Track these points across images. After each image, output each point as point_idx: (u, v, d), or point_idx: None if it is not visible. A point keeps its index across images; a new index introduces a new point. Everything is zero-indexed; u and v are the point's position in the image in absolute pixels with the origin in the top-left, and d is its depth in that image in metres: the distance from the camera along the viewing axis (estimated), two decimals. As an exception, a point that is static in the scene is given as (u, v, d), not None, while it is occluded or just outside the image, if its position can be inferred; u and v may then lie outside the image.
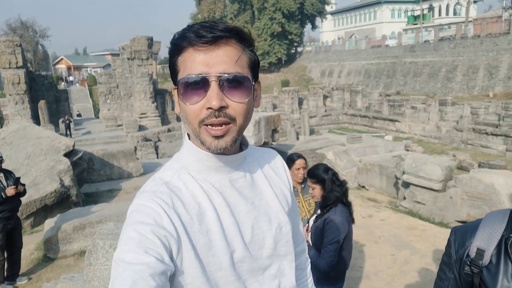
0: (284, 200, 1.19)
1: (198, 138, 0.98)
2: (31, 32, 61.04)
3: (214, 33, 0.93)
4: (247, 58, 1.00)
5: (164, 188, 0.99)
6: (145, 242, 0.88)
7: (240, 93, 0.97)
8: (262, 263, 1.09)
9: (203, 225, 0.99)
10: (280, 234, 1.13)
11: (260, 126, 9.41)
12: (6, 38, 24.82)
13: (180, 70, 0.98)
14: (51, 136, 8.53)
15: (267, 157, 1.24)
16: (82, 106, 37.26)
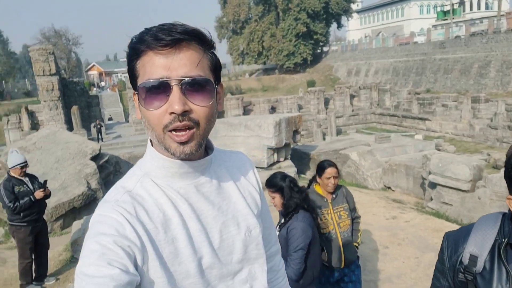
0: (253, 203, 1.17)
1: (162, 144, 0.96)
2: (64, 40, 63.15)
3: (173, 36, 0.91)
4: (208, 61, 0.98)
5: (126, 197, 0.97)
6: (108, 254, 0.86)
7: (203, 96, 0.95)
8: (232, 268, 1.07)
9: (168, 233, 0.97)
10: (249, 237, 1.11)
11: (281, 127, 9.40)
12: (39, 47, 25.78)
13: (140, 74, 0.95)
14: (79, 141, 8.81)
15: (234, 159, 1.22)
16: (113, 110, 38.24)
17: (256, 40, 51.20)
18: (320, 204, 3.51)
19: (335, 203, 3.60)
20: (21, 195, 5.24)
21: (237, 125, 9.80)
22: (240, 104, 30.79)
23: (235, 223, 1.09)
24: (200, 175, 1.05)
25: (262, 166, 9.64)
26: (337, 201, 3.61)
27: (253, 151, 9.68)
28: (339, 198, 3.61)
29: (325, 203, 3.56)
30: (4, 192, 5.22)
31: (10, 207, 5.15)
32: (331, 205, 3.57)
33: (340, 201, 3.62)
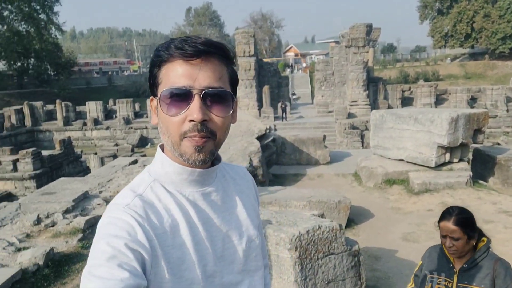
0: (254, 214, 1.19)
1: (177, 150, 0.99)
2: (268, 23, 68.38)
3: (199, 48, 0.95)
4: (228, 74, 1.02)
5: (137, 201, 0.99)
6: (119, 256, 0.87)
7: (222, 108, 0.99)
8: (234, 279, 1.08)
9: (176, 239, 0.99)
10: (250, 248, 1.13)
11: (457, 124, 8.30)
12: (243, 30, 28.60)
13: (163, 81, 0.99)
14: (249, 120, 9.62)
15: (237, 171, 1.25)
16: (301, 91, 39.96)
17: (465, 21, 45.46)
18: (440, 269, 2.46)
19: (465, 278, 2.36)
20: None
21: (406, 117, 9.09)
22: (432, 92, 28.22)
23: (237, 233, 1.11)
24: (208, 184, 1.08)
25: (429, 165, 8.76)
26: (470, 275, 2.35)
27: (421, 147, 8.86)
28: (476, 273, 2.34)
29: (448, 271, 2.41)
30: None
31: None
32: (457, 277, 2.38)
33: (476, 278, 2.33)
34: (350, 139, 22.73)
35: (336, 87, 28.98)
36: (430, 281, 2.43)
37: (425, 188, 8.31)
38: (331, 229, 4.07)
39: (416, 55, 57.81)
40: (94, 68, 61.31)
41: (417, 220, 7.25)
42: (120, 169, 10.23)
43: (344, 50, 27.87)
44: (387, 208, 8.00)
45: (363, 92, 26.31)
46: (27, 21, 39.92)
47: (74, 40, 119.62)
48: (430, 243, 6.33)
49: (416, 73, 43.36)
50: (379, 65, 48.76)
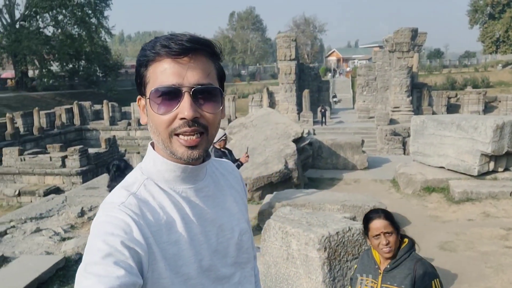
0: (244, 209, 1.23)
1: (168, 148, 0.99)
2: (311, 27, 68.12)
3: (185, 45, 0.94)
4: (216, 70, 1.03)
5: (132, 199, 0.99)
6: (115, 254, 0.87)
7: (212, 104, 0.99)
8: (227, 271, 1.11)
9: (171, 235, 0.99)
10: (242, 241, 1.15)
11: (503, 132, 7.97)
12: (284, 34, 28.68)
13: (150, 81, 0.98)
14: (286, 123, 9.67)
15: (226, 167, 1.27)
16: (343, 96, 39.49)
17: (519, 26, 43.39)
18: (368, 270, 2.48)
19: (388, 278, 2.35)
20: None
21: (448, 123, 8.81)
22: (481, 99, 27.06)
23: (230, 227, 1.13)
24: (199, 180, 1.09)
25: (471, 173, 8.45)
26: (392, 275, 2.34)
27: (463, 155, 8.56)
28: (398, 273, 2.33)
29: (374, 272, 2.43)
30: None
31: None
32: (381, 278, 2.38)
33: (398, 278, 2.32)
34: (391, 146, 22.21)
35: (378, 92, 28.45)
36: (360, 283, 2.47)
37: (466, 197, 8.03)
38: (361, 232, 4.05)
39: (465, 61, 55.63)
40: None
41: (456, 229, 7.03)
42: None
43: (387, 55, 27.33)
44: (424, 216, 7.80)
45: (406, 98, 25.65)
46: (80, 25, 41.96)
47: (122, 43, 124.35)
48: (469, 253, 6.18)
49: (464, 80, 41.74)
50: (425, 71, 47.33)
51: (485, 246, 6.32)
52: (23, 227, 6.56)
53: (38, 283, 4.90)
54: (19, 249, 5.80)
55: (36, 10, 40.09)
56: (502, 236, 6.64)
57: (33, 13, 40.66)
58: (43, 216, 7.12)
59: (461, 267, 5.70)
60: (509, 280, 5.20)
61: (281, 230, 4.18)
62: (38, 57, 39.99)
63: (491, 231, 6.84)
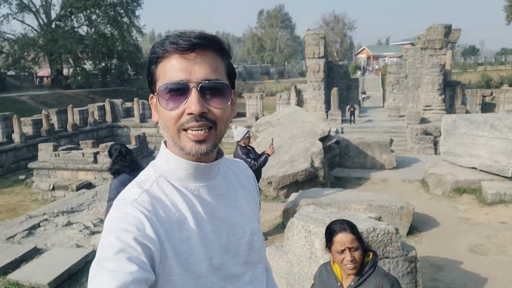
0: (256, 208, 1.23)
1: (177, 144, 1.00)
2: (341, 24, 67.22)
3: (192, 41, 0.96)
4: (224, 66, 1.03)
5: (144, 196, 1.00)
6: (128, 250, 0.88)
7: (220, 99, 0.99)
8: (238, 270, 1.11)
9: (183, 233, 1.00)
10: (253, 241, 1.15)
11: (539, 132, 7.65)
12: (313, 32, 28.43)
13: (160, 78, 1.00)
14: (312, 121, 9.60)
15: (238, 166, 1.27)
16: (372, 94, 38.83)
17: (560, 21, 41.40)
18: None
19: None
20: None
21: (480, 123, 8.53)
22: (520, 98, 25.97)
23: (241, 226, 1.13)
24: (212, 178, 1.09)
25: (505, 174, 8.15)
26: None
27: (497, 155, 8.27)
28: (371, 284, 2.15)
29: None
30: (242, 155, 6.37)
31: (254, 165, 6.15)
32: None
33: None
34: (422, 146, 21.66)
35: (409, 90, 27.81)
36: None
37: (499, 199, 7.76)
38: (386, 232, 3.99)
39: (502, 58, 53.59)
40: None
41: (487, 232, 6.81)
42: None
43: (419, 52, 26.66)
44: (454, 217, 7.59)
45: (438, 96, 24.96)
46: (112, 24, 42.95)
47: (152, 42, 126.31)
48: (500, 257, 5.98)
49: (501, 78, 40.21)
50: (459, 68, 45.90)
51: (518, 250, 6.11)
52: (55, 220, 6.79)
53: (68, 274, 5.07)
54: (51, 241, 6.01)
55: (71, 10, 41.31)
56: (537, 240, 6.39)
57: (68, 13, 41.93)
58: (74, 210, 7.35)
59: (492, 271, 5.52)
60: (543, 286, 5.00)
61: (304, 229, 4.16)
62: (72, 56, 41.23)
63: (525, 235, 6.59)
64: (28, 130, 23.02)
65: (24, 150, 21.29)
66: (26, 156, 20.81)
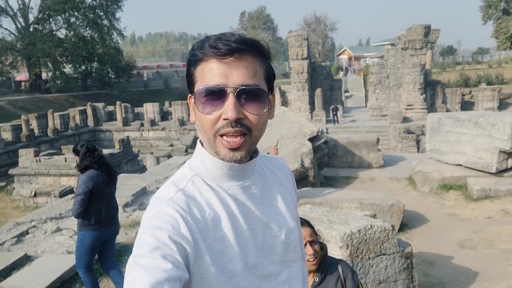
0: (292, 206, 1.21)
1: (212, 148, 1.01)
2: (322, 26, 67.79)
3: (232, 46, 0.95)
4: (263, 71, 1.02)
5: (180, 195, 1.01)
6: (163, 248, 0.90)
7: (257, 105, 0.99)
8: (274, 269, 1.11)
9: (217, 232, 1.01)
10: (289, 240, 1.15)
11: (523, 129, 7.87)
12: (296, 33, 28.61)
13: (198, 80, 1.00)
14: (301, 122, 9.66)
15: (276, 164, 1.26)
16: (355, 94, 39.29)
17: (534, 21, 42.66)
18: None
19: None
20: None
21: (465, 120, 8.72)
22: (495, 96, 26.73)
23: (277, 225, 1.12)
24: (247, 177, 1.09)
25: (489, 170, 8.35)
26: (323, 287, 2.19)
27: (481, 152, 8.47)
28: (328, 284, 2.18)
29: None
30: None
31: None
32: None
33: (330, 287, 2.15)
34: (405, 144, 22.02)
35: (391, 90, 28.25)
36: None
37: (484, 195, 7.94)
38: (383, 229, 4.04)
39: (478, 58, 54.93)
40: (152, 71, 63.86)
41: (475, 227, 6.96)
42: (175, 167, 10.65)
43: (400, 53, 27.12)
44: (443, 214, 7.73)
45: (419, 95, 25.42)
46: (92, 27, 42.41)
47: (133, 45, 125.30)
48: (489, 251, 6.12)
49: (478, 76, 41.18)
50: (438, 68, 46.84)
51: (506, 244, 6.25)
52: (44, 227, 6.65)
53: (61, 281, 4.97)
54: (41, 248, 5.88)
55: (49, 13, 40.65)
56: (523, 233, 6.56)
57: (46, 16, 41.24)
58: (63, 216, 7.21)
59: (482, 265, 5.64)
60: (532, 278, 5.13)
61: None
62: (51, 59, 40.52)
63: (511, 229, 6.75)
64: (7, 136, 22.53)
65: (3, 156, 20.83)
66: (6, 162, 20.36)
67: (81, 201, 4.10)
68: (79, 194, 4.13)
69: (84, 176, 4.21)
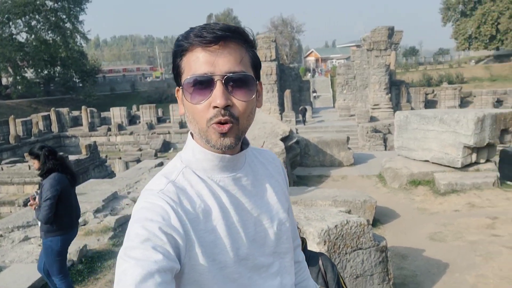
0: (283, 198, 1.21)
1: (204, 137, 1.01)
2: (289, 28, 68.45)
3: (216, 33, 0.95)
4: (249, 58, 1.02)
5: (170, 186, 1.01)
6: (153, 239, 0.90)
7: (245, 92, 0.99)
8: (265, 261, 1.11)
9: (208, 223, 1.01)
10: (280, 231, 1.15)
11: (484, 124, 8.20)
12: (264, 35, 28.75)
13: (185, 71, 1.00)
14: (273, 122, 9.71)
15: (266, 157, 1.26)
16: (323, 95, 39.87)
17: (490, 22, 44.65)
18: None
19: None
20: None
21: (430, 118, 9.02)
22: (457, 94, 27.78)
23: (268, 216, 1.12)
24: (238, 169, 1.09)
25: (455, 165, 8.67)
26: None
27: (447, 148, 8.77)
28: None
29: None
30: None
31: None
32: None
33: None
34: (373, 143, 22.55)
35: (357, 90, 28.85)
36: None
37: (451, 189, 8.22)
38: (359, 224, 4.11)
39: (439, 58, 56.92)
40: (118, 75, 62.64)
41: (443, 221, 7.18)
42: (146, 171, 10.46)
43: (365, 54, 27.76)
44: (412, 208, 7.95)
45: (385, 95, 26.10)
46: (54, 30, 41.19)
47: (98, 48, 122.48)
48: (457, 243, 6.32)
49: (440, 76, 42.72)
50: (401, 68, 48.21)
51: (473, 236, 6.48)
52: (11, 236, 6.38)
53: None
54: (9, 258, 5.64)
55: (9, 16, 39.17)
56: (488, 225, 6.81)
57: (6, 20, 39.69)
58: (30, 224, 6.94)
59: (451, 257, 5.82)
60: (499, 267, 5.34)
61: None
62: (11, 64, 39.06)
63: (477, 221, 7.01)
64: (-34, 144, 21.53)
65: (-37, 165, 19.84)
66: (-34, 171, 19.40)
67: (51, 205, 3.97)
68: (48, 198, 3.99)
69: (51, 180, 4.07)
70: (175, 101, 12.42)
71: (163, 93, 46.27)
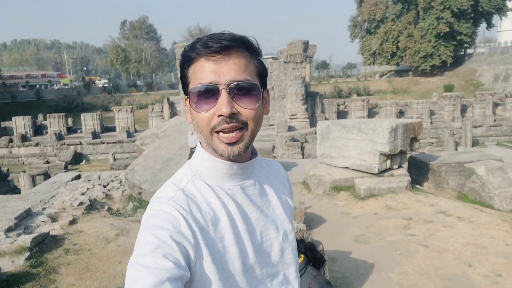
0: (289, 209, 1.23)
1: (210, 145, 1.02)
2: (206, 38, 68.54)
3: (221, 43, 0.97)
4: (254, 66, 1.04)
5: (180, 194, 1.01)
6: (164, 247, 0.90)
7: (250, 99, 1.00)
8: (271, 270, 1.11)
9: (217, 231, 1.01)
10: (286, 242, 1.16)
11: (397, 133, 8.92)
12: (182, 44, 28.48)
13: (191, 80, 1.02)
14: (199, 131, 9.61)
15: (272, 167, 1.28)
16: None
17: (391, 40, 48.93)
18: None
19: None
20: None
21: (350, 127, 9.60)
22: (365, 106, 29.89)
23: (274, 226, 1.14)
24: (246, 178, 1.10)
25: (372, 171, 9.30)
26: None
27: (365, 155, 9.39)
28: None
29: None
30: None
31: None
32: None
33: None
34: (291, 151, 23.32)
35: (276, 101, 29.71)
36: None
37: (370, 193, 8.78)
38: (299, 230, 4.22)
39: (348, 72, 60.94)
40: (20, 82, 57.57)
41: (365, 223, 7.64)
42: (62, 185, 9.71)
43: (283, 66, 28.76)
44: (336, 213, 8.35)
45: (302, 106, 27.23)
46: None
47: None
48: (380, 244, 6.73)
49: (349, 88, 45.74)
50: (314, 81, 50.76)
51: (392, 236, 6.97)
52: None
53: None
54: None
55: None
56: (405, 225, 7.38)
57: None
58: None
59: (376, 257, 6.20)
60: (418, 264, 5.79)
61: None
62: None
63: (395, 222, 7.56)
64: None
65: None
66: None
67: None
68: None
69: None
70: (87, 110, 11.89)
71: (72, 102, 43.46)
